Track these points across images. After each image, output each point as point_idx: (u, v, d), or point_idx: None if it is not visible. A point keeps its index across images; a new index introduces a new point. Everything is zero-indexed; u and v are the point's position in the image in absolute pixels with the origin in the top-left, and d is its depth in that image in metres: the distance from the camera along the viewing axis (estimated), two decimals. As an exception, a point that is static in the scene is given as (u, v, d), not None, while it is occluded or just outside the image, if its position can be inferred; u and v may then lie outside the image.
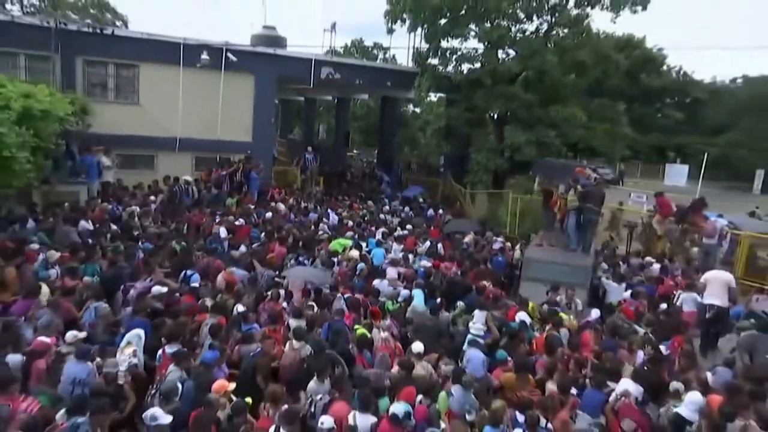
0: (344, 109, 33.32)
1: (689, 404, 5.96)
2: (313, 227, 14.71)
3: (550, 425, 5.86)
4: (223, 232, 12.51)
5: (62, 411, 5.24)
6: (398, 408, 5.70)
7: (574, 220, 12.50)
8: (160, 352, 6.77)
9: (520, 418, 5.95)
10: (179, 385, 5.92)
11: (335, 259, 11.71)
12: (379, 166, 26.84)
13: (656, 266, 12.63)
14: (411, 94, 24.37)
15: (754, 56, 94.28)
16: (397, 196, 22.10)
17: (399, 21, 22.19)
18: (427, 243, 13.94)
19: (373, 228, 15.38)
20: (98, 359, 6.35)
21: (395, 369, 6.95)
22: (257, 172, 17.87)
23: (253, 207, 15.74)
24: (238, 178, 17.44)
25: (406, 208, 19.97)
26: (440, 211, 20.19)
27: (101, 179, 15.04)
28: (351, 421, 5.65)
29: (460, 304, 9.43)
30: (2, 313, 7.27)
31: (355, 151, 42.75)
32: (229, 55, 18.65)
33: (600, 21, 44.74)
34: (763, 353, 7.49)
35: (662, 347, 7.96)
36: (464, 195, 22.09)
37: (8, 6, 30.60)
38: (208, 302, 8.24)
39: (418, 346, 7.22)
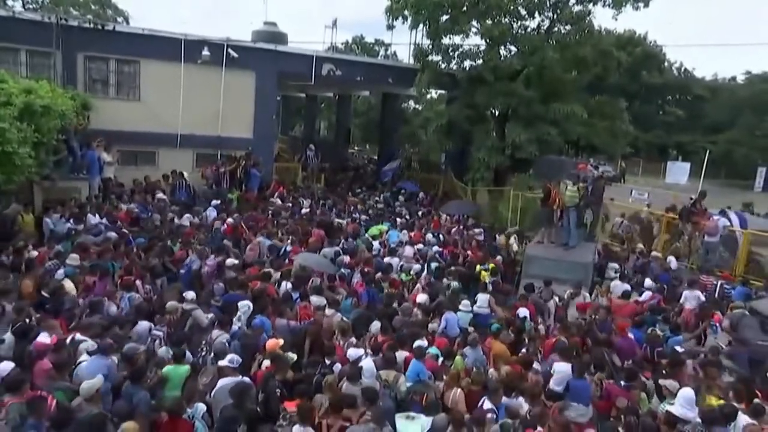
0: (345, 105, 33.32)
1: (681, 400, 5.95)
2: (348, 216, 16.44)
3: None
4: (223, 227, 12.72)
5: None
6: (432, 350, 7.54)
7: (575, 216, 12.52)
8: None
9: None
10: (227, 345, 6.88)
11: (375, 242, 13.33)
12: (381, 161, 26.97)
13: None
14: (412, 91, 24.35)
15: (756, 53, 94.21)
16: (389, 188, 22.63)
17: (400, 18, 22.14)
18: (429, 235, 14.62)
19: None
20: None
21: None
22: (258, 170, 17.88)
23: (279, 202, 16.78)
24: (239, 175, 17.46)
25: (401, 198, 20.68)
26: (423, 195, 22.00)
27: (102, 175, 15.04)
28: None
29: (453, 284, 10.49)
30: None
31: (356, 148, 42.77)
32: (230, 51, 18.64)
33: (601, 18, 44.65)
34: (744, 328, 8.44)
35: (679, 348, 7.89)
36: (465, 192, 22.10)
37: (10, 2, 30.60)
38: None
39: (422, 297, 9.44)
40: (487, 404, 6.08)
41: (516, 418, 5.74)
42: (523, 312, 9.08)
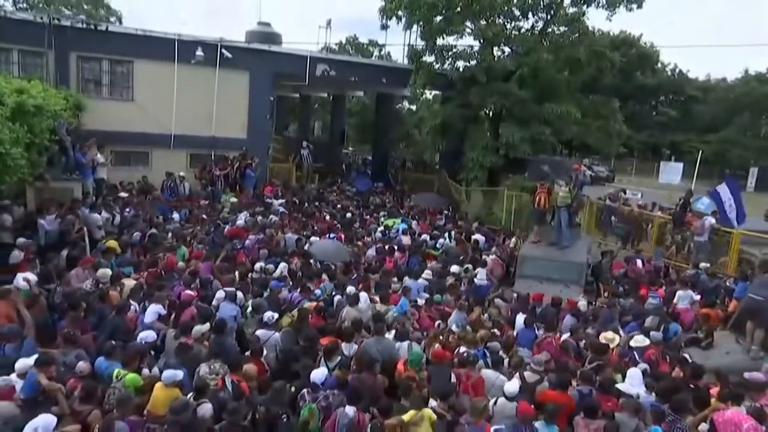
0: (339, 106, 33.28)
1: (630, 379, 6.37)
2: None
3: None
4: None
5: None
6: None
7: (566, 217, 12.57)
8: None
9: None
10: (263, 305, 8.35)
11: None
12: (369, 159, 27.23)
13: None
14: (406, 91, 24.38)
15: (749, 54, 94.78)
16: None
17: (394, 18, 22.13)
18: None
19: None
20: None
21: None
22: (252, 170, 17.84)
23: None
24: (233, 176, 17.43)
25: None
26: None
27: (95, 176, 14.96)
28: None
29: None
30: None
31: (350, 148, 42.74)
32: (224, 51, 18.60)
33: (595, 19, 44.77)
34: (756, 281, 8.81)
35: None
36: (459, 192, 22.13)
37: (1, 1, 30.43)
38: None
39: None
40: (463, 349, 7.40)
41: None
42: (520, 318, 9.03)
